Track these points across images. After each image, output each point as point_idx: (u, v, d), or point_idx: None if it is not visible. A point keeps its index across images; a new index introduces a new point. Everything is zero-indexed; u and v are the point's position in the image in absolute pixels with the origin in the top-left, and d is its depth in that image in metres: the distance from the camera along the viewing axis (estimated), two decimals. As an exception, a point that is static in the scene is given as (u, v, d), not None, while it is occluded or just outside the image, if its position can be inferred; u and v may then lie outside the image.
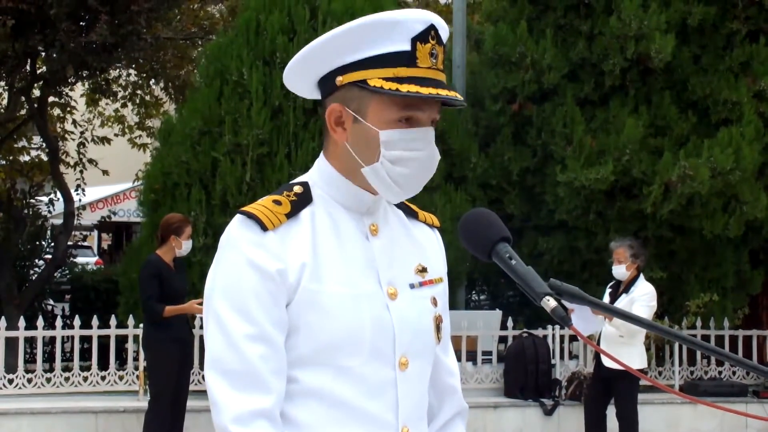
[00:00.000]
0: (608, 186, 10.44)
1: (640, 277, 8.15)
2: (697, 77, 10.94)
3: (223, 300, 2.02)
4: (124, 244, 23.77)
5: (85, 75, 12.18)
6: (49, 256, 13.09)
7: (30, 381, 9.32)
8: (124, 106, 15.61)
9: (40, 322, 9.60)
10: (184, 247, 7.94)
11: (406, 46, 2.03)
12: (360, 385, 2.03)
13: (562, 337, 10.43)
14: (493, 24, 12.01)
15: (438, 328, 2.18)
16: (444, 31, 2.09)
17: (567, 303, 1.94)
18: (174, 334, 7.81)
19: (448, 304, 2.28)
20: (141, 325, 8.43)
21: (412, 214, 2.27)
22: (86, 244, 22.45)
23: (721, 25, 11.01)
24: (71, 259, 14.12)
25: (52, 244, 13.24)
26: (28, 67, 11.96)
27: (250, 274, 2.00)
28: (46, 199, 14.06)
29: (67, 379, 9.44)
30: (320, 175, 2.14)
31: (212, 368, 2.00)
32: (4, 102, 13.02)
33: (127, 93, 15.37)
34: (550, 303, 1.89)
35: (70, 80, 12.10)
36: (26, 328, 9.50)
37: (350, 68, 2.05)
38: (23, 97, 12.53)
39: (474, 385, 9.99)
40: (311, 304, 2.01)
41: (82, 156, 14.48)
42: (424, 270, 2.18)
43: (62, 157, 13.97)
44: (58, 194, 13.30)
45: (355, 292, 2.05)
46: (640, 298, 7.97)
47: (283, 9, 10.19)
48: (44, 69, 12.26)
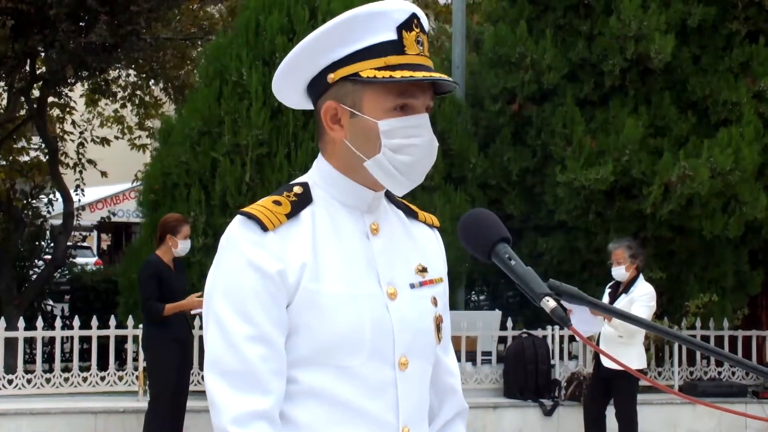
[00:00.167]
0: (608, 186, 10.44)
1: (640, 278, 8.15)
2: (697, 78, 10.94)
3: (223, 301, 2.01)
4: (124, 245, 23.78)
5: (85, 75, 12.18)
6: (49, 257, 13.09)
7: (29, 381, 9.31)
8: (124, 106, 15.59)
9: (40, 323, 9.60)
10: (181, 246, 7.86)
11: (393, 36, 2.05)
12: (360, 385, 2.03)
13: (562, 338, 10.43)
14: (492, 24, 12.00)
15: (438, 328, 2.18)
16: (425, 20, 2.11)
17: (566, 304, 1.94)
18: (174, 334, 7.81)
19: (448, 304, 2.28)
20: (141, 326, 8.42)
21: (412, 214, 2.26)
22: (86, 244, 22.43)
23: (721, 26, 11.01)
24: (71, 260, 14.11)
25: (52, 245, 13.24)
26: (28, 68, 11.95)
27: (251, 275, 1.99)
28: (45, 199, 14.07)
29: (67, 380, 9.44)
30: (320, 175, 2.14)
31: (212, 369, 2.00)
32: (4, 102, 13.01)
33: (127, 93, 15.36)
34: (550, 303, 1.89)
35: (69, 80, 12.10)
36: (26, 329, 9.49)
37: (340, 64, 2.06)
38: (23, 98, 12.52)
39: (473, 385, 9.99)
40: (311, 305, 2.01)
41: (81, 156, 14.48)
42: (424, 270, 2.18)
43: (61, 158, 13.96)
44: (57, 194, 13.29)
45: (355, 292, 2.05)
46: (639, 298, 7.97)
47: (282, 9, 10.20)
48: (44, 69, 12.26)
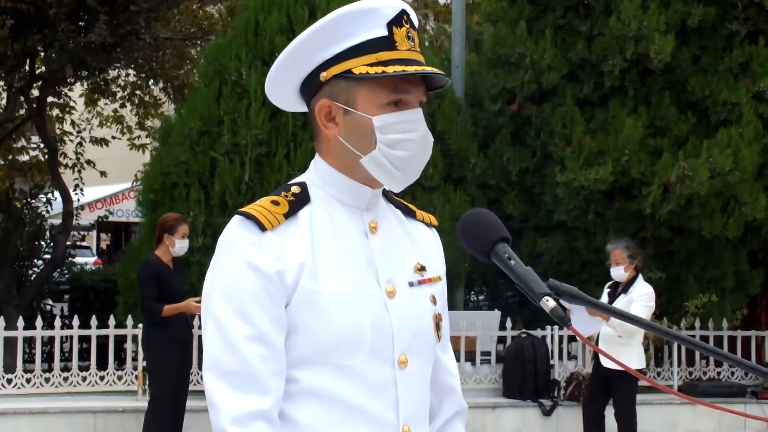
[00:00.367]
0: (607, 186, 10.44)
1: (639, 278, 8.15)
2: (697, 78, 10.94)
3: (221, 301, 2.01)
4: (123, 244, 23.78)
5: (84, 75, 12.18)
6: (48, 256, 13.09)
7: (29, 381, 9.31)
8: (123, 106, 15.59)
9: (39, 322, 9.61)
10: (178, 246, 7.82)
11: (383, 32, 2.06)
12: (360, 384, 2.03)
13: (561, 338, 10.43)
14: (492, 24, 12.00)
15: (437, 327, 2.18)
16: (414, 16, 2.12)
17: (565, 304, 1.94)
18: (174, 334, 7.79)
19: (448, 304, 2.28)
20: (140, 326, 8.42)
21: (410, 214, 2.26)
22: (85, 244, 22.44)
23: (721, 26, 11.01)
24: (70, 259, 14.11)
25: (51, 244, 13.24)
26: (27, 67, 11.95)
27: (249, 275, 1.99)
28: (44, 198, 14.06)
29: (66, 379, 9.44)
30: (317, 175, 2.14)
31: (210, 369, 2.00)
32: (3, 102, 13.01)
33: (126, 93, 15.36)
34: (549, 303, 1.89)
35: (69, 80, 12.10)
36: (25, 328, 9.50)
37: (332, 62, 2.07)
38: (22, 97, 12.52)
39: (473, 385, 9.98)
40: (310, 304, 2.01)
41: (79, 156, 14.47)
42: (422, 269, 2.17)
43: (60, 159, 13.95)
44: (56, 194, 13.29)
45: (354, 292, 2.04)
46: (638, 298, 7.97)
47: (281, 9, 10.20)
48: (43, 69, 12.25)
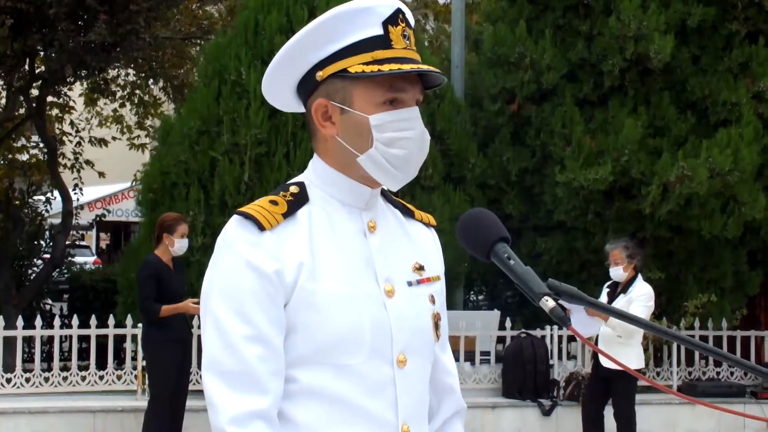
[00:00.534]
0: (607, 186, 10.44)
1: (638, 278, 8.14)
2: (696, 78, 10.94)
3: (220, 301, 2.01)
4: (123, 244, 23.77)
5: (84, 74, 12.17)
6: (48, 256, 13.08)
7: (28, 380, 9.31)
8: (123, 105, 15.58)
9: (39, 322, 9.60)
10: (177, 245, 7.81)
11: (379, 31, 2.06)
12: (359, 383, 2.03)
13: (561, 338, 10.43)
14: (492, 24, 12.00)
15: (436, 326, 2.18)
16: (410, 15, 2.12)
17: (565, 304, 1.94)
18: (173, 334, 7.79)
19: (447, 304, 2.28)
20: (139, 325, 8.41)
21: (409, 213, 2.26)
22: (84, 243, 22.43)
23: (721, 26, 11.01)
24: (69, 259, 14.10)
25: (51, 244, 13.23)
26: (27, 67, 11.94)
27: (248, 275, 1.99)
28: (43, 198, 14.06)
29: (65, 379, 9.44)
30: (316, 174, 2.14)
31: (209, 369, 2.00)
32: (3, 101, 13.00)
33: (126, 93, 15.35)
34: (549, 303, 1.88)
35: (68, 80, 12.10)
36: (24, 328, 9.50)
37: (328, 61, 2.07)
38: (22, 97, 12.51)
39: (472, 385, 9.98)
40: (309, 304, 2.01)
41: (78, 156, 14.46)
42: (421, 268, 2.17)
43: (59, 159, 13.93)
44: (56, 193, 13.28)
45: (353, 291, 2.04)
46: (637, 298, 7.96)
47: (281, 9, 10.20)
48: (43, 68, 12.25)
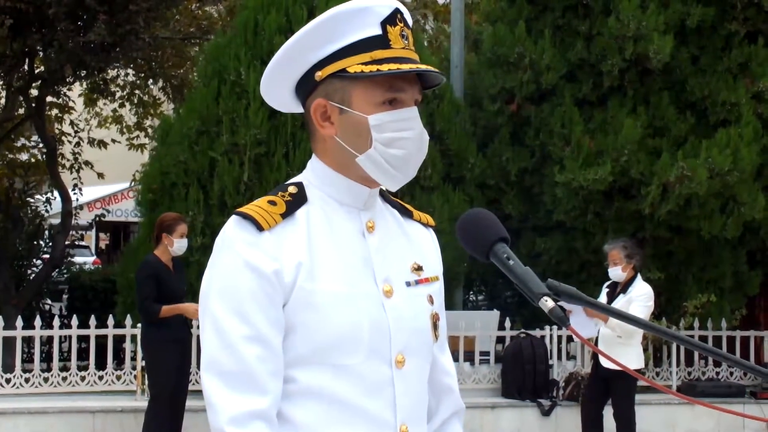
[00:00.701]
0: (606, 186, 10.44)
1: (638, 278, 8.13)
2: (696, 78, 10.94)
3: (219, 301, 2.01)
4: (122, 244, 23.76)
5: (83, 75, 12.17)
6: (47, 256, 13.08)
7: (27, 381, 9.31)
8: (122, 106, 15.59)
9: (38, 322, 9.60)
10: (176, 245, 7.81)
11: (377, 31, 2.06)
12: (358, 383, 2.02)
13: (560, 338, 10.43)
14: (491, 24, 12.00)
15: (435, 326, 2.17)
16: (408, 15, 2.12)
17: (564, 305, 1.94)
18: (172, 334, 7.78)
19: (446, 304, 2.28)
20: (139, 325, 8.41)
21: (407, 214, 2.26)
22: (84, 243, 22.42)
23: (720, 26, 11.01)
24: (69, 259, 14.09)
25: (50, 244, 13.23)
26: (26, 67, 11.94)
27: (247, 275, 1.99)
28: (43, 198, 14.06)
29: (65, 379, 9.44)
30: (314, 174, 2.14)
31: (208, 369, 2.00)
32: (2, 101, 12.99)
33: (125, 93, 15.35)
34: (548, 303, 1.88)
35: (68, 80, 12.09)
36: (24, 328, 9.50)
37: (327, 61, 2.07)
38: (21, 97, 12.51)
39: (471, 385, 9.98)
40: (308, 304, 2.01)
41: (77, 156, 14.46)
42: (419, 268, 2.17)
43: (58, 159, 13.93)
44: (55, 193, 13.27)
45: (351, 291, 2.04)
46: (637, 298, 7.95)
47: (280, 9, 10.20)
48: (42, 68, 12.24)
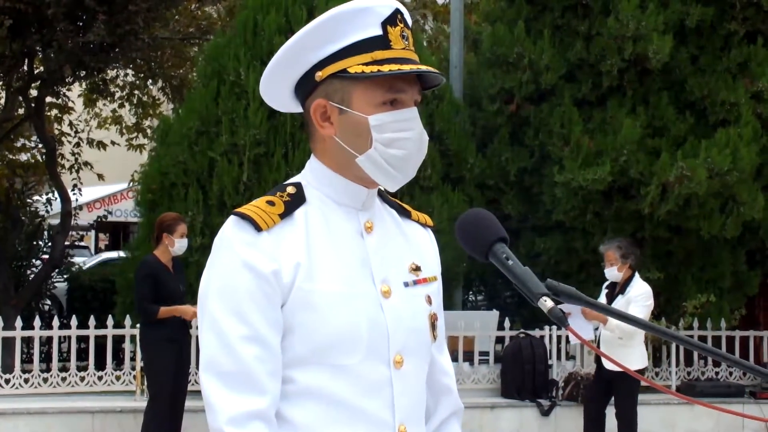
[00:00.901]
0: (605, 186, 10.44)
1: (635, 277, 8.11)
2: (695, 78, 10.94)
3: (217, 301, 2.01)
4: (122, 244, 23.73)
5: (83, 75, 12.16)
6: (47, 256, 13.07)
7: (27, 381, 9.31)
8: (122, 106, 15.58)
9: (37, 322, 9.59)
10: (177, 245, 7.85)
11: (378, 31, 2.06)
12: (356, 384, 2.03)
13: (559, 338, 10.42)
14: (490, 24, 12.00)
15: (433, 327, 2.18)
16: (408, 16, 2.12)
17: (563, 307, 1.93)
18: (170, 334, 7.78)
19: (445, 304, 2.28)
20: (138, 325, 8.41)
21: (406, 214, 2.26)
22: (83, 244, 22.40)
23: (719, 26, 11.01)
24: (68, 259, 14.08)
25: (50, 244, 13.22)
26: (26, 67, 11.93)
27: (245, 275, 1.99)
28: (43, 198, 14.05)
29: (64, 379, 9.44)
30: (313, 175, 2.14)
31: (207, 370, 2.00)
32: (2, 102, 12.98)
33: (125, 93, 15.35)
34: (547, 303, 1.88)
35: (67, 80, 12.08)
36: (23, 328, 9.49)
37: (327, 62, 2.07)
38: (20, 97, 12.50)
39: (471, 385, 9.98)
40: (306, 304, 2.01)
41: (77, 157, 14.45)
42: (417, 269, 2.18)
43: (58, 159, 13.92)
44: (55, 194, 13.27)
45: (349, 291, 2.04)
46: (635, 298, 7.94)
47: (280, 9, 10.20)
48: (41, 69, 12.23)
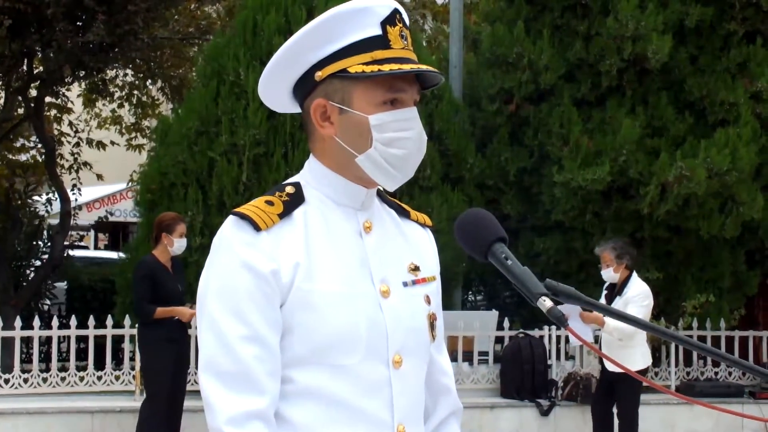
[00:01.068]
0: (605, 186, 10.44)
1: (633, 277, 8.10)
2: (694, 78, 10.94)
3: (216, 301, 2.01)
4: (121, 245, 23.73)
5: (82, 75, 12.17)
6: (46, 256, 13.07)
7: (26, 381, 9.31)
8: (121, 106, 15.58)
9: (37, 322, 9.59)
10: (176, 245, 7.86)
11: (377, 31, 2.06)
12: (355, 384, 2.03)
13: (559, 338, 10.42)
14: (490, 24, 12.00)
15: (432, 326, 2.18)
16: (406, 15, 2.13)
17: (561, 308, 1.94)
18: (168, 334, 7.78)
19: (445, 304, 2.28)
20: (137, 325, 8.41)
21: (405, 214, 2.27)
22: (83, 244, 22.40)
23: (719, 26, 11.01)
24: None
25: (49, 244, 13.22)
26: (25, 67, 11.93)
27: (244, 275, 1.99)
28: (43, 198, 14.04)
29: (64, 379, 9.43)
30: (312, 175, 2.14)
31: (206, 370, 2.00)
32: (1, 102, 12.98)
33: (124, 93, 15.35)
34: (546, 303, 1.89)
35: (66, 80, 12.08)
36: (22, 328, 9.49)
37: (327, 61, 2.07)
38: (20, 97, 12.50)
39: (470, 385, 9.98)
40: (305, 304, 2.01)
41: (77, 157, 14.45)
42: (416, 268, 2.18)
43: (57, 160, 13.92)
44: (56, 194, 13.27)
45: (348, 291, 2.04)
46: (633, 298, 7.92)
47: (280, 9, 10.20)
48: (41, 69, 12.23)
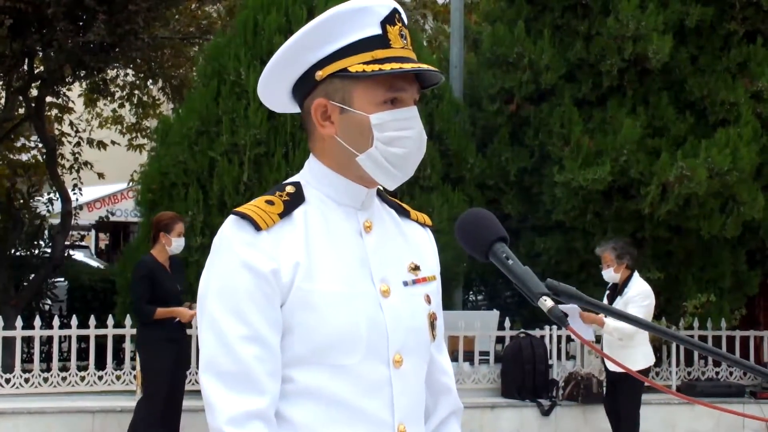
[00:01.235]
0: (605, 186, 10.44)
1: (634, 277, 8.09)
2: (695, 78, 10.94)
3: (217, 301, 2.01)
4: (122, 244, 23.75)
5: (83, 75, 12.17)
6: (47, 256, 13.06)
7: (27, 381, 9.31)
8: (122, 106, 15.59)
9: (38, 322, 9.59)
10: (174, 244, 7.84)
11: (377, 30, 2.07)
12: (356, 383, 2.03)
13: (560, 338, 10.42)
14: (490, 24, 12.00)
15: (432, 326, 2.18)
16: (404, 15, 2.13)
17: (562, 308, 1.93)
18: (167, 334, 7.77)
19: (445, 304, 2.28)
20: (137, 325, 8.41)
21: (405, 213, 2.27)
22: (84, 244, 22.41)
23: (719, 26, 11.01)
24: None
25: (50, 244, 13.22)
26: (26, 67, 11.93)
27: (244, 275, 1.99)
28: (44, 198, 14.05)
29: (64, 379, 9.44)
30: (312, 174, 2.14)
31: (207, 370, 2.00)
32: (2, 102, 12.99)
33: (125, 93, 15.35)
34: (547, 303, 1.89)
35: (67, 80, 12.09)
36: (23, 328, 9.49)
37: (327, 61, 2.07)
38: (21, 97, 12.50)
39: (471, 385, 9.98)
40: (305, 304, 2.01)
41: (77, 157, 14.45)
42: (417, 268, 2.18)
43: (58, 159, 13.93)
44: (56, 194, 13.27)
45: (349, 291, 2.05)
46: (633, 298, 7.91)
47: (280, 9, 10.20)
48: (42, 68, 12.24)
